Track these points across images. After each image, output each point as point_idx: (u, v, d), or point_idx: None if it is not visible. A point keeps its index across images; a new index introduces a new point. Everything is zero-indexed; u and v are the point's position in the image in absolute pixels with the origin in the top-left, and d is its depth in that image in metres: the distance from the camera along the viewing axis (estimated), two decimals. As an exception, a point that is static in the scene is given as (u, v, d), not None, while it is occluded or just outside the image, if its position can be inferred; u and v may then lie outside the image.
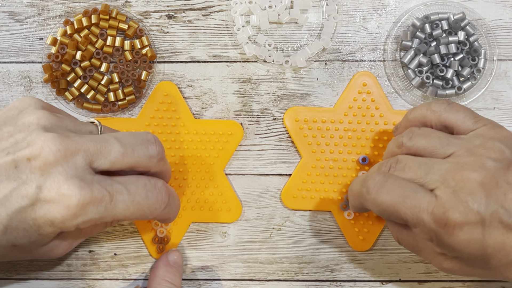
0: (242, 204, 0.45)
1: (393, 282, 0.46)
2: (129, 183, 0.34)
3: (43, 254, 0.35)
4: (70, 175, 0.31)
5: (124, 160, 0.34)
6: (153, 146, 0.36)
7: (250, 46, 0.45)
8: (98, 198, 0.32)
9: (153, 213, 0.35)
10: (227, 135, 0.45)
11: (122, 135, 0.35)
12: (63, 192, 0.31)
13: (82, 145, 0.32)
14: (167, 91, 0.45)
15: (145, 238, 0.45)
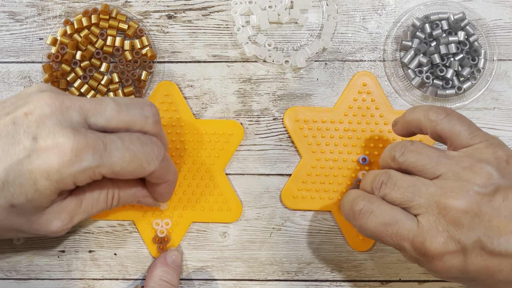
0: (242, 204, 0.45)
1: (393, 282, 0.46)
2: (122, 136, 0.34)
3: (42, 226, 0.35)
4: (65, 125, 0.32)
5: (120, 117, 0.34)
6: (148, 107, 0.36)
7: (250, 46, 0.45)
8: (92, 145, 0.32)
9: (150, 164, 0.35)
10: (227, 135, 0.45)
11: (118, 97, 0.36)
12: (57, 139, 0.31)
13: (77, 101, 0.33)
14: (167, 91, 0.45)
15: (146, 238, 0.45)
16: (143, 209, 0.45)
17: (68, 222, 0.36)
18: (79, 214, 0.37)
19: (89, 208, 0.37)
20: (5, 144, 0.32)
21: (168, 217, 0.45)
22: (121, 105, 0.35)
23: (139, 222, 0.45)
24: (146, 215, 0.45)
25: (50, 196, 0.33)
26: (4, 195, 0.32)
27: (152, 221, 0.45)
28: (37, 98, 0.33)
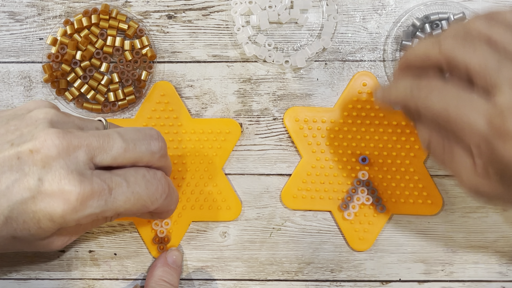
0: (242, 203, 0.45)
1: (393, 282, 0.46)
2: (128, 175, 0.34)
3: (43, 246, 0.35)
4: (71, 169, 0.31)
5: (126, 155, 0.34)
6: (155, 142, 0.36)
7: (250, 46, 0.45)
8: (97, 192, 0.32)
9: (154, 204, 0.35)
10: (225, 133, 0.45)
11: (125, 130, 0.35)
12: (63, 186, 0.31)
13: (85, 140, 0.32)
14: (163, 91, 0.45)
15: (145, 238, 0.45)
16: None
17: (68, 241, 0.37)
18: (80, 232, 0.38)
19: (89, 226, 0.38)
20: (9, 179, 0.31)
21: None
22: (129, 142, 0.34)
23: (139, 222, 0.45)
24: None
25: (52, 232, 0.33)
26: (7, 230, 0.32)
27: (151, 221, 0.45)
28: (44, 135, 0.32)
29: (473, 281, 0.46)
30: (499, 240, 0.46)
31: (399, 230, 0.46)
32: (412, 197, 0.45)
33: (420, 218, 0.46)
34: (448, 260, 0.46)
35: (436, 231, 0.46)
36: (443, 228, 0.46)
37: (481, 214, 0.46)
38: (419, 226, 0.46)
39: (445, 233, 0.46)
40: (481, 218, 0.46)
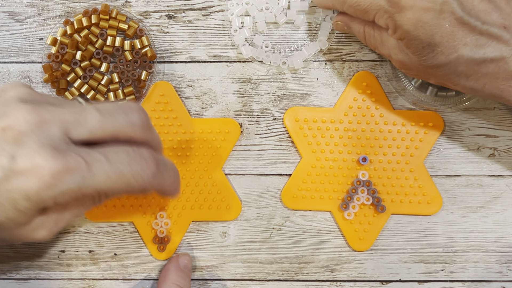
0: (241, 202, 0.45)
1: (393, 282, 0.46)
2: (108, 151, 0.32)
3: (27, 235, 0.34)
4: (44, 144, 0.30)
5: (104, 127, 0.32)
6: (135, 113, 0.34)
7: (247, 48, 0.45)
8: (73, 167, 0.30)
9: (140, 182, 0.33)
10: (224, 133, 0.45)
11: (102, 104, 0.34)
12: (36, 161, 0.30)
13: (58, 114, 0.31)
14: (163, 91, 0.45)
15: (145, 238, 0.45)
16: (142, 209, 0.45)
17: (53, 227, 0.34)
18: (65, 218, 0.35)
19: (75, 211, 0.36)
20: None
21: (167, 217, 0.45)
22: (104, 113, 0.32)
23: (139, 223, 0.45)
24: (146, 216, 0.45)
25: (31, 215, 0.32)
26: None
27: (151, 221, 0.45)
28: (16, 111, 0.31)
29: (473, 281, 0.46)
30: (499, 240, 0.46)
31: (399, 230, 0.46)
32: (412, 197, 0.45)
33: (420, 218, 0.46)
34: (448, 260, 0.46)
35: (436, 231, 0.46)
36: (443, 228, 0.46)
37: (481, 214, 0.46)
38: (419, 226, 0.46)
39: (445, 233, 0.46)
40: (481, 218, 0.46)
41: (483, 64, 0.34)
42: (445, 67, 0.35)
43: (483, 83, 0.35)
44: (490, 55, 0.34)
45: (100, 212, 0.45)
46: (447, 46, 0.34)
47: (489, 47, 0.34)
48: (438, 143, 0.45)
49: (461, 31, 0.33)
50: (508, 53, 0.34)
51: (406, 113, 0.45)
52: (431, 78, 0.38)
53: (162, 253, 0.45)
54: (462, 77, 0.35)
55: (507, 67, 0.34)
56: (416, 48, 0.35)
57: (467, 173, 0.46)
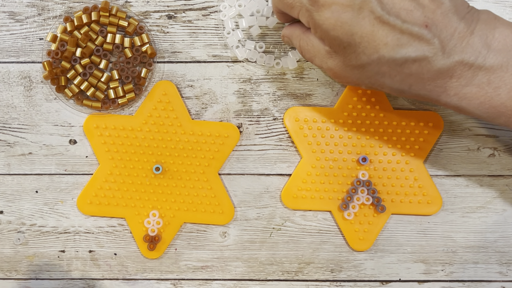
0: (235, 206, 0.45)
1: (393, 282, 0.46)
2: None
3: None
4: None
5: None
6: None
7: (241, 50, 0.45)
8: None
9: None
10: (223, 137, 0.45)
11: None
12: None
13: None
14: (165, 91, 0.45)
15: (136, 236, 0.45)
16: (135, 206, 0.45)
17: None
18: None
19: None
20: None
21: (159, 216, 0.45)
22: None
23: (131, 220, 0.45)
24: (139, 214, 0.45)
25: None
26: None
27: (143, 219, 0.45)
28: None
29: (473, 281, 0.46)
30: (499, 240, 0.46)
31: (399, 230, 0.46)
32: (412, 197, 0.45)
33: (420, 218, 0.46)
34: (448, 260, 0.46)
35: (436, 231, 0.46)
36: (443, 228, 0.46)
37: (481, 214, 0.46)
38: (419, 226, 0.46)
39: (445, 233, 0.46)
40: (481, 218, 0.46)
41: (405, 65, 0.33)
42: (369, 67, 0.34)
43: (409, 84, 0.34)
44: (412, 55, 0.32)
45: (93, 206, 0.45)
46: (368, 46, 0.33)
47: (410, 46, 0.32)
48: (438, 143, 0.45)
49: (381, 31, 0.32)
50: (430, 53, 0.32)
51: (406, 113, 0.45)
52: (361, 82, 0.36)
53: (151, 252, 0.45)
54: (387, 77, 0.34)
55: (430, 67, 0.33)
56: (338, 48, 0.34)
57: (467, 173, 0.46)
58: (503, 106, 0.33)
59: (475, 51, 0.33)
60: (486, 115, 0.34)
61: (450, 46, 0.32)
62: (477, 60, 0.33)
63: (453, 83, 0.33)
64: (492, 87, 0.33)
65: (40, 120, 0.46)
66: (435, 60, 0.32)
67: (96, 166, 0.46)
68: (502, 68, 0.33)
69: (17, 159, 0.46)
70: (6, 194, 0.46)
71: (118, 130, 0.45)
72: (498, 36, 0.33)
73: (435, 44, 0.32)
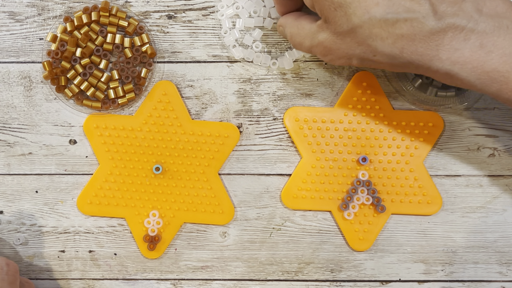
0: (235, 206, 0.45)
1: (393, 282, 0.46)
2: None
3: None
4: None
5: None
6: None
7: (238, 49, 0.45)
8: None
9: None
10: (223, 137, 0.45)
11: None
12: None
13: None
14: (165, 91, 0.45)
15: (136, 236, 0.45)
16: (135, 206, 0.45)
17: None
18: None
19: None
20: None
21: (159, 216, 0.45)
22: None
23: (131, 220, 0.45)
24: (138, 214, 0.45)
25: None
26: None
27: (143, 219, 0.45)
28: None
29: (473, 281, 0.46)
30: (499, 240, 0.46)
31: (399, 230, 0.46)
32: (412, 197, 0.45)
33: (420, 218, 0.46)
34: (448, 260, 0.46)
35: (436, 231, 0.46)
36: (443, 228, 0.46)
37: (481, 214, 0.46)
38: (419, 226, 0.46)
39: (445, 233, 0.46)
40: (481, 218, 0.46)
41: (397, 25, 0.33)
42: (360, 30, 0.34)
43: (401, 47, 0.34)
44: (403, 15, 0.33)
45: (93, 206, 0.45)
46: (359, 7, 0.33)
47: (401, 6, 0.33)
48: (438, 143, 0.45)
49: None
50: (422, 12, 0.32)
51: (406, 113, 0.45)
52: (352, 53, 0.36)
53: (151, 252, 0.45)
54: (378, 40, 0.34)
55: (421, 27, 0.33)
56: (329, 12, 0.35)
57: (467, 173, 0.46)
58: (495, 72, 0.33)
59: (466, 15, 0.33)
60: (479, 81, 0.34)
61: (442, 9, 0.32)
62: (468, 23, 0.33)
63: (444, 46, 0.33)
64: (485, 51, 0.33)
65: (40, 120, 0.46)
66: (426, 20, 0.32)
67: (96, 166, 0.46)
68: (494, 32, 0.33)
69: (17, 159, 0.46)
70: (6, 194, 0.46)
71: (118, 130, 0.45)
72: (489, 4, 0.33)
73: (425, 5, 0.32)
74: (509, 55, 0.33)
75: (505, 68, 0.33)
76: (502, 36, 0.33)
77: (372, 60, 0.36)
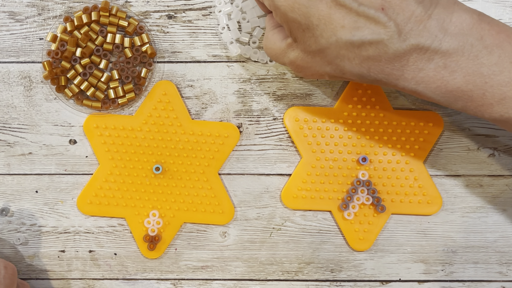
0: (235, 206, 0.45)
1: (393, 282, 0.46)
2: None
3: None
4: None
5: None
6: None
7: (235, 46, 0.45)
8: None
9: None
10: (223, 137, 0.45)
11: None
12: None
13: None
14: (165, 90, 0.45)
15: (136, 236, 0.45)
16: (135, 206, 0.45)
17: None
18: None
19: None
20: None
21: (159, 216, 0.45)
22: None
23: (131, 220, 0.45)
24: (138, 214, 0.45)
25: None
26: None
27: (143, 219, 0.45)
28: None
29: (473, 281, 0.46)
30: (499, 240, 0.46)
31: (399, 230, 0.46)
32: (412, 197, 0.45)
33: (420, 218, 0.46)
34: (448, 260, 0.46)
35: (436, 231, 0.46)
36: (443, 228, 0.46)
37: (481, 214, 0.46)
38: (419, 226, 0.46)
39: (445, 233, 0.46)
40: (481, 218, 0.46)
41: (363, 47, 0.33)
42: (328, 51, 0.34)
43: (367, 67, 0.34)
44: (368, 38, 0.33)
45: (93, 206, 0.45)
46: (325, 29, 0.33)
47: (366, 29, 0.33)
48: (438, 143, 0.45)
49: (337, 13, 0.33)
50: (386, 36, 0.32)
51: (406, 113, 0.45)
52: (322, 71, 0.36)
53: (151, 252, 0.45)
54: (346, 61, 0.34)
55: (387, 50, 0.33)
56: (297, 32, 0.35)
57: (467, 173, 0.46)
58: (459, 91, 0.33)
59: (431, 35, 0.33)
60: (444, 99, 0.34)
61: (407, 30, 0.32)
62: (433, 43, 0.33)
63: (410, 67, 0.33)
64: (448, 71, 0.33)
65: (40, 120, 0.46)
66: (391, 43, 0.32)
67: (96, 166, 0.46)
68: (457, 52, 0.33)
69: (17, 159, 0.46)
70: (6, 194, 0.46)
71: (118, 130, 0.45)
72: (455, 20, 0.33)
73: (390, 27, 0.32)
74: (472, 74, 0.33)
75: (468, 87, 0.33)
76: (466, 55, 0.33)
77: (342, 77, 0.36)
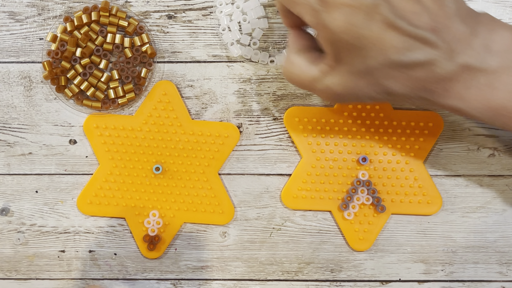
0: (235, 206, 0.45)
1: (393, 282, 0.46)
2: None
3: None
4: None
5: None
6: None
7: (236, 47, 0.45)
8: None
9: None
10: (223, 137, 0.45)
11: None
12: None
13: None
14: (165, 90, 0.45)
15: (136, 236, 0.45)
16: (135, 206, 0.45)
17: None
18: None
19: None
20: None
21: (159, 216, 0.45)
22: None
23: (131, 220, 0.45)
24: (139, 214, 0.45)
25: None
26: None
27: (143, 219, 0.45)
28: None
29: (473, 281, 0.46)
30: (499, 240, 0.46)
31: (399, 230, 0.46)
32: (412, 197, 0.45)
33: (420, 218, 0.46)
34: (448, 260, 0.46)
35: (436, 231, 0.46)
36: (443, 228, 0.46)
37: (481, 214, 0.46)
38: (419, 226, 0.46)
39: (445, 233, 0.46)
40: (481, 218, 0.46)
41: (413, 68, 0.33)
42: (376, 72, 0.33)
43: (414, 87, 0.34)
44: (420, 59, 0.32)
45: (93, 206, 0.45)
46: (375, 50, 0.32)
47: (418, 50, 0.32)
48: (438, 143, 0.45)
49: (389, 34, 0.32)
50: (438, 56, 0.32)
51: (406, 113, 0.45)
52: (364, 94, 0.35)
53: (151, 252, 0.45)
54: (392, 81, 0.34)
55: (437, 70, 0.33)
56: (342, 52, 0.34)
57: (467, 173, 0.46)
58: (501, 108, 0.33)
59: (476, 54, 0.33)
60: (485, 116, 0.34)
61: (455, 50, 0.32)
62: (477, 62, 0.33)
63: (455, 86, 0.33)
64: (491, 89, 0.33)
65: (40, 120, 0.46)
66: (441, 63, 0.32)
67: (96, 166, 0.46)
68: (501, 70, 0.33)
69: (17, 159, 0.46)
70: (6, 194, 0.46)
71: (118, 130, 0.45)
72: (498, 38, 0.33)
73: (442, 48, 0.32)
74: None
75: (510, 104, 0.33)
76: (508, 73, 0.33)
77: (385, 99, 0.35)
